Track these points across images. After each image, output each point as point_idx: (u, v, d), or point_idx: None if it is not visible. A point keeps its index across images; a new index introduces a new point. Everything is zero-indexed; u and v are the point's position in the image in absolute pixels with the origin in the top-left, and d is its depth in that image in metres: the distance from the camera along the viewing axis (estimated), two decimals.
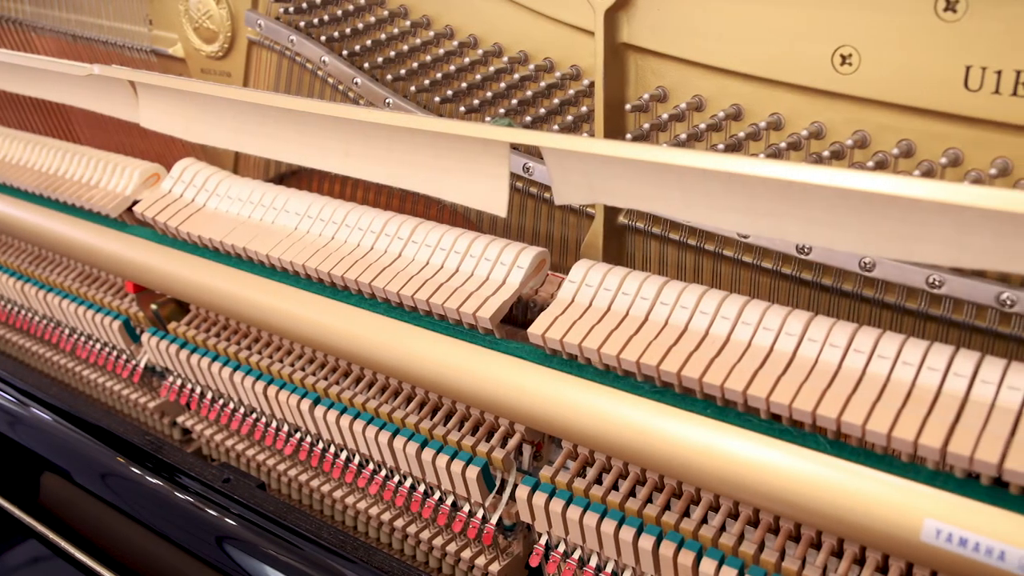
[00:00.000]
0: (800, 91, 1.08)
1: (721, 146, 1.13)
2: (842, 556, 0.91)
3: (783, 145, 1.09)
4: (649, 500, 1.02)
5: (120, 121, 1.55)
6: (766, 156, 1.10)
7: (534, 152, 1.30)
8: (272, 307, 1.28)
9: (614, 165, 0.99)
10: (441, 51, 1.40)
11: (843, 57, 1.02)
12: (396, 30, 1.44)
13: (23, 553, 1.38)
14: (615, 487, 1.05)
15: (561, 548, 1.08)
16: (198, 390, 1.48)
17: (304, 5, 1.53)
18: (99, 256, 1.53)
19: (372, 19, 1.46)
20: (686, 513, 1.00)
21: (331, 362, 1.32)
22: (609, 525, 1.01)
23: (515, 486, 1.11)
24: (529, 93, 1.31)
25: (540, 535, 1.10)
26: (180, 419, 1.56)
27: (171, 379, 1.51)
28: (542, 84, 1.29)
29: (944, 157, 1.00)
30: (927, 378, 0.87)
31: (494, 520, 1.15)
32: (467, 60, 1.37)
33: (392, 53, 1.45)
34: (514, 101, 1.32)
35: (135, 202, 1.52)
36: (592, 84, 1.23)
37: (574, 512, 1.03)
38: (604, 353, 1.01)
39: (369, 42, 1.46)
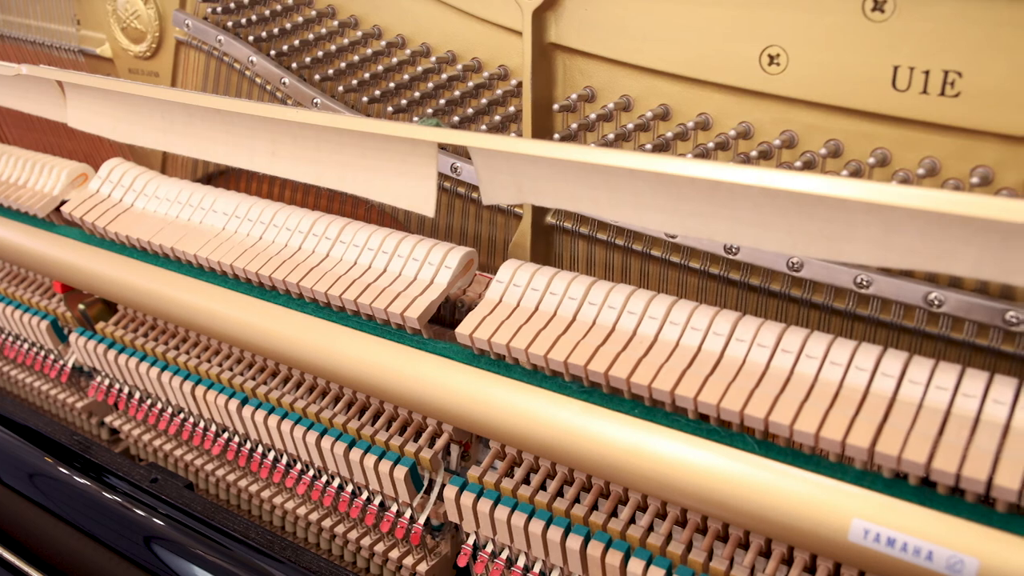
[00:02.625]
0: (728, 91, 1.06)
1: (649, 146, 1.11)
2: (770, 556, 0.89)
3: (711, 145, 1.07)
4: (577, 500, 1.00)
5: (48, 121, 1.51)
6: (694, 156, 1.08)
7: (462, 152, 1.28)
8: (199, 307, 1.24)
9: (542, 165, 0.96)
10: (369, 51, 1.36)
11: (771, 57, 0.99)
12: (324, 30, 1.39)
13: None
14: (543, 487, 1.02)
15: (489, 548, 1.05)
16: (126, 390, 1.42)
17: (232, 5, 1.48)
18: (26, 256, 1.47)
19: (300, 19, 1.42)
20: (614, 513, 0.98)
21: (259, 362, 1.27)
22: (537, 525, 0.99)
23: (443, 486, 1.08)
24: (457, 93, 1.28)
25: (468, 535, 1.07)
26: (108, 419, 1.51)
27: (99, 379, 1.46)
28: (470, 84, 1.26)
29: (872, 157, 0.98)
30: (855, 378, 0.85)
31: (422, 520, 1.12)
32: (395, 60, 1.33)
33: (320, 53, 1.40)
34: (442, 101, 1.28)
35: (63, 202, 1.47)
36: (520, 84, 1.21)
37: (502, 512, 1.01)
38: (532, 353, 0.98)
39: (297, 42, 1.42)
